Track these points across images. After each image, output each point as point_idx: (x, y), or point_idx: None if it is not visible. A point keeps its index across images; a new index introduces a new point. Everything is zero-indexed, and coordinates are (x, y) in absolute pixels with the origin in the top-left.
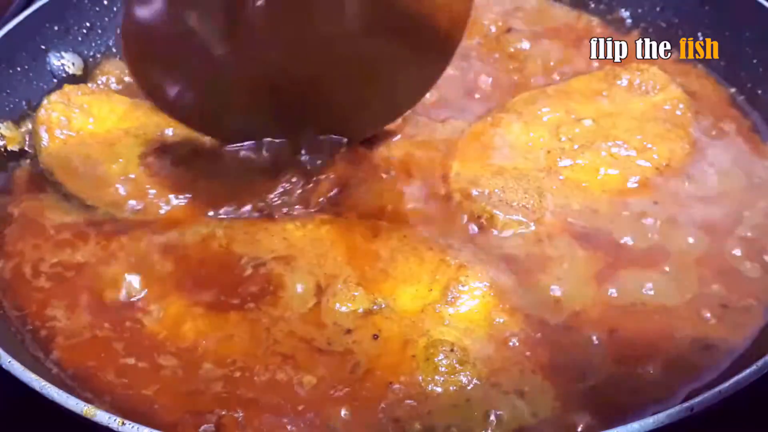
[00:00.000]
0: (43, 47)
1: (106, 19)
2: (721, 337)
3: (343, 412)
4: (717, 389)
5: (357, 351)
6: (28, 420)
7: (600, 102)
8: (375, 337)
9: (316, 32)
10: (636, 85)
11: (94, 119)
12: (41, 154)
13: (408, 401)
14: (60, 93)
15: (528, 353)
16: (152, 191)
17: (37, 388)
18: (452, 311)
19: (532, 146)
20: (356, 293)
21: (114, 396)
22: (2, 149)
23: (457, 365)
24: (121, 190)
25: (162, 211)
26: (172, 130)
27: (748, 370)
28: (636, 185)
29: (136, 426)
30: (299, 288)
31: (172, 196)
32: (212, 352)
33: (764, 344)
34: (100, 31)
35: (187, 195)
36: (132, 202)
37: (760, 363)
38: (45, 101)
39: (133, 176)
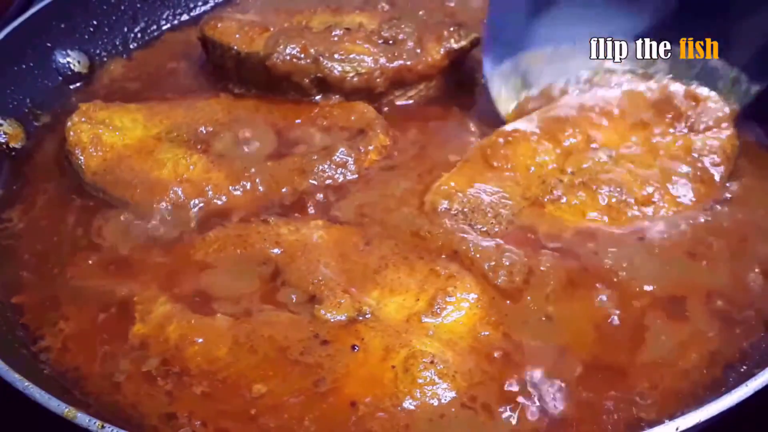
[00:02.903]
0: (49, 45)
1: (114, 17)
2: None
3: (305, 423)
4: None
5: (326, 366)
6: (14, 418)
7: (631, 132)
8: (354, 347)
9: None
10: (685, 113)
11: (121, 132)
12: (85, 175)
13: (380, 414)
14: (78, 113)
15: (510, 368)
16: (209, 187)
17: (20, 388)
18: (437, 322)
19: (532, 171)
20: (342, 300)
21: (100, 397)
22: (4, 146)
23: (436, 378)
24: (180, 192)
25: (220, 203)
26: (204, 127)
27: (741, 387)
28: (622, 229)
29: (116, 429)
30: (286, 294)
31: (230, 188)
32: (192, 354)
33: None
34: (107, 30)
35: (244, 183)
36: (194, 201)
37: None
38: (69, 123)
39: (185, 176)
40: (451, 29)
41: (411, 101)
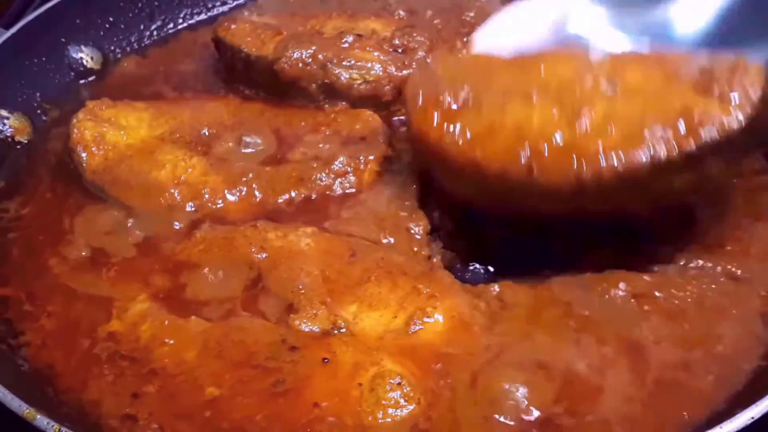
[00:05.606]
0: (63, 40)
1: (130, 15)
2: None
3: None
4: None
5: (286, 370)
6: None
7: (662, 83)
8: (325, 360)
9: None
10: (716, 78)
11: (125, 131)
12: (86, 173)
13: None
14: (85, 111)
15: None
16: (205, 190)
17: None
18: (412, 341)
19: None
20: (317, 312)
21: (69, 395)
22: (10, 139)
23: (401, 400)
24: (176, 195)
25: (216, 207)
26: (207, 129)
27: None
28: None
29: None
30: (264, 300)
31: (226, 192)
32: (160, 356)
33: None
34: (123, 27)
35: (240, 188)
36: (189, 204)
37: None
38: (74, 120)
39: (183, 178)
40: (465, 39)
41: None
